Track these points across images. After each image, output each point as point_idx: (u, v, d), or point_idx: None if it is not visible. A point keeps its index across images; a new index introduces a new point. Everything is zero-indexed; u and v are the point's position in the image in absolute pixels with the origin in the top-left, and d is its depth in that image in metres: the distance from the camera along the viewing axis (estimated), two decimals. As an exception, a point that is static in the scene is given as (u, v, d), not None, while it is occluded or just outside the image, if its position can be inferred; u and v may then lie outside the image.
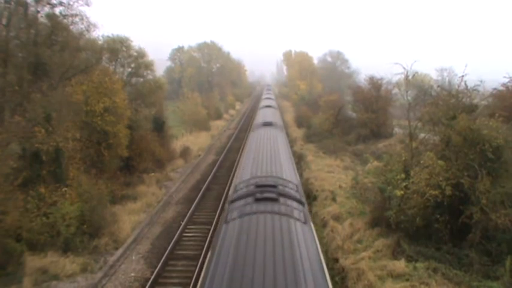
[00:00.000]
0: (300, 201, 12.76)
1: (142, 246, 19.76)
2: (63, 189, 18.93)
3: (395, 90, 40.74)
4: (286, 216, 10.66)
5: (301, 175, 27.23)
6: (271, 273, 7.48)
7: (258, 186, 13.30)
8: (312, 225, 11.29)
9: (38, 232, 17.48)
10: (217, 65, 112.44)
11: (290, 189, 13.76)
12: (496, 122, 17.30)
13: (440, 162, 17.40)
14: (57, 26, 23.69)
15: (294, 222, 10.39)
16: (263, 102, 57.45)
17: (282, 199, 12.03)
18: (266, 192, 12.28)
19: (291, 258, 8.09)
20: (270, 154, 19.37)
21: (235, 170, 30.72)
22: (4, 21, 21.53)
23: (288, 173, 16.28)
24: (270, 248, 8.45)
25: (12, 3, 21.70)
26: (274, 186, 13.26)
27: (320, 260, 8.79)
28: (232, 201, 12.70)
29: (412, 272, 14.96)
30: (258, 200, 11.80)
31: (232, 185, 16.85)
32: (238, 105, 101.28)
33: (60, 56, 23.32)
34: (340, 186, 26.94)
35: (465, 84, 20.72)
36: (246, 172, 16.35)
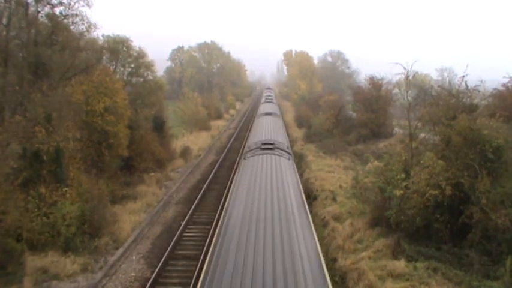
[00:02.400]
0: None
1: (142, 246, 19.76)
2: (64, 189, 18.92)
3: (396, 90, 40.83)
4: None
5: (301, 175, 27.31)
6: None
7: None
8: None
9: (38, 232, 17.49)
10: (218, 65, 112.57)
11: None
12: (497, 122, 17.33)
13: (440, 162, 17.42)
14: (57, 26, 23.68)
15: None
16: (262, 109, 49.52)
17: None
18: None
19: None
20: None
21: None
22: (4, 21, 21.54)
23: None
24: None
25: (13, 3, 21.70)
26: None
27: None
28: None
29: (412, 271, 14.97)
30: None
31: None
32: (238, 105, 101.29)
33: (60, 56, 23.33)
34: (340, 186, 26.94)
35: (465, 84, 20.76)
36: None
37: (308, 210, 13.30)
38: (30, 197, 18.04)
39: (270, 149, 20.87)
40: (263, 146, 21.55)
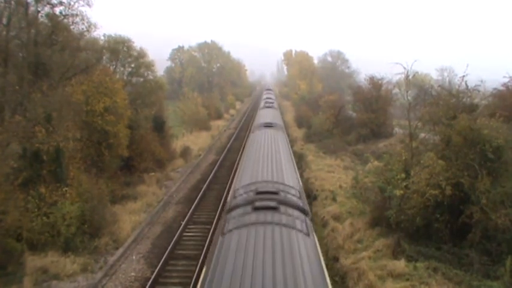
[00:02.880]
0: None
1: (142, 246, 19.76)
2: (64, 189, 18.92)
3: (396, 90, 40.82)
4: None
5: (301, 175, 27.16)
6: None
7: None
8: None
9: (38, 232, 17.49)
10: (218, 64, 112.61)
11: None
12: (497, 122, 17.32)
13: (440, 162, 17.42)
14: (57, 25, 23.67)
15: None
16: (260, 118, 36.24)
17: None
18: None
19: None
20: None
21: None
22: (4, 21, 21.53)
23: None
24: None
25: (13, 2, 21.69)
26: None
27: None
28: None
29: (412, 271, 14.97)
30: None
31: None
32: (238, 105, 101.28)
33: (60, 56, 23.32)
34: (340, 186, 26.95)
35: (465, 84, 20.75)
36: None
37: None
38: (30, 196, 18.04)
39: (272, 208, 10.89)
40: (258, 204, 11.20)
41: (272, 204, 11.18)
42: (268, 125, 27.78)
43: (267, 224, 9.89)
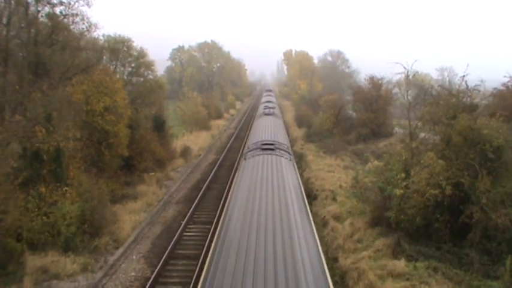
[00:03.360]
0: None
1: (142, 246, 19.76)
2: (64, 189, 18.92)
3: (396, 90, 40.90)
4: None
5: (301, 175, 27.27)
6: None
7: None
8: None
9: (38, 231, 17.49)
10: (218, 64, 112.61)
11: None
12: (497, 122, 17.32)
13: (440, 161, 17.42)
14: (57, 25, 23.64)
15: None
16: (256, 133, 28.86)
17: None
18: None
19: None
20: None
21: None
22: (4, 21, 21.51)
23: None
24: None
25: (13, 2, 21.66)
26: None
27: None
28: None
29: (412, 271, 14.98)
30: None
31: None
32: (238, 105, 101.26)
33: (60, 56, 23.29)
34: (340, 186, 26.94)
35: (466, 83, 20.74)
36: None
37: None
38: (30, 196, 18.03)
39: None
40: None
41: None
42: (268, 146, 20.42)
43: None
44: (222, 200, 24.97)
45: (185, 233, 21.09)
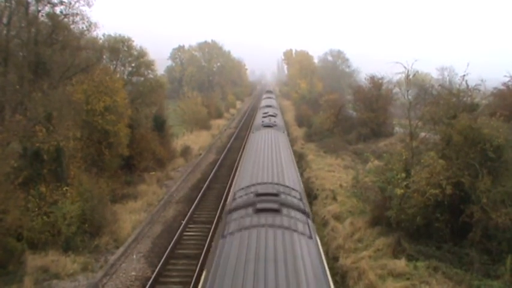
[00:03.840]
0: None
1: (143, 245, 19.77)
2: (64, 188, 18.93)
3: (396, 89, 40.81)
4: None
5: (301, 174, 27.14)
6: None
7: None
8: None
9: (38, 231, 17.51)
10: (218, 64, 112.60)
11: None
12: (497, 121, 17.31)
13: (440, 161, 17.41)
14: (57, 25, 23.64)
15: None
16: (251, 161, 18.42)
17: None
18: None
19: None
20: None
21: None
22: (5, 20, 21.52)
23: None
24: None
25: (13, 2, 21.66)
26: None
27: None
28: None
29: (413, 271, 14.98)
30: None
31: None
32: (238, 104, 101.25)
33: (60, 55, 23.29)
34: (340, 185, 26.94)
35: (466, 83, 20.75)
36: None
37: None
38: (31, 196, 18.06)
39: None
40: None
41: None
42: (269, 194, 12.35)
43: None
44: (223, 199, 24.99)
45: (185, 233, 21.09)
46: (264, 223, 9.91)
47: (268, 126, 27.85)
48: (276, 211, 10.76)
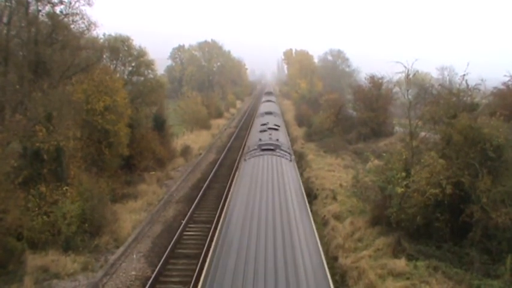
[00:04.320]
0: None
1: (143, 245, 19.77)
2: (64, 188, 18.93)
3: (396, 89, 40.83)
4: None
5: (301, 174, 27.22)
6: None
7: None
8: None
9: (38, 231, 17.51)
10: (218, 63, 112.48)
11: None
12: (497, 121, 17.31)
13: (440, 160, 17.42)
14: (57, 24, 23.62)
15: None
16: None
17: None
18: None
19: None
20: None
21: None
22: (5, 20, 21.51)
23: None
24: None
25: (13, 1, 21.64)
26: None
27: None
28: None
29: (413, 270, 14.98)
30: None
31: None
32: (238, 104, 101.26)
33: (60, 55, 23.28)
34: (340, 185, 26.93)
35: (466, 82, 20.76)
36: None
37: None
38: (31, 195, 18.05)
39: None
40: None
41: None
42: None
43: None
44: (223, 199, 24.98)
45: (185, 232, 21.09)
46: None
47: (268, 149, 19.70)
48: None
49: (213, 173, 32.27)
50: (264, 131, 25.52)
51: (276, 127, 27.59)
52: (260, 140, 22.51)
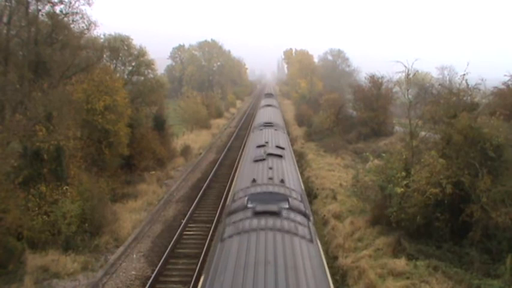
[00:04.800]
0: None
1: (143, 245, 19.78)
2: (64, 188, 18.93)
3: (396, 89, 40.77)
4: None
5: (301, 174, 27.14)
6: None
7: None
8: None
9: (39, 230, 17.51)
10: (218, 63, 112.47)
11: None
12: (497, 121, 17.31)
13: (441, 160, 17.42)
14: (57, 24, 23.63)
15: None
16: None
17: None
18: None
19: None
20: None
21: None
22: (5, 19, 21.52)
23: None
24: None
25: (13, 1, 21.66)
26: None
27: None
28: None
29: (413, 270, 14.98)
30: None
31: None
32: (239, 104, 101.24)
33: (61, 55, 23.30)
34: (340, 185, 26.95)
35: (466, 82, 20.73)
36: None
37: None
38: (31, 195, 18.05)
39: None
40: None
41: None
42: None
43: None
44: (223, 199, 24.99)
45: (185, 232, 21.10)
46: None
47: (266, 211, 10.84)
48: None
49: (213, 173, 32.27)
50: (261, 160, 16.81)
51: (279, 153, 18.17)
52: (254, 181, 13.99)
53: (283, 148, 20.23)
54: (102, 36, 31.82)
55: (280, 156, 17.77)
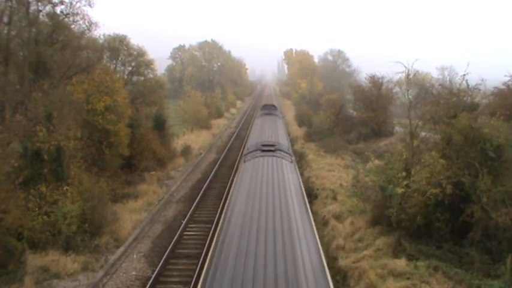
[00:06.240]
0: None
1: (143, 245, 19.78)
2: (65, 188, 18.93)
3: (396, 89, 40.80)
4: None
5: (301, 174, 27.24)
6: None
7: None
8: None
9: (39, 231, 17.50)
10: (218, 63, 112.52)
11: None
12: (497, 121, 17.32)
13: (441, 160, 17.42)
14: (58, 24, 23.67)
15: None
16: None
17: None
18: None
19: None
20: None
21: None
22: (6, 20, 21.55)
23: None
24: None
25: (14, 1, 21.70)
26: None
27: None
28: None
29: (413, 270, 14.97)
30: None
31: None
32: (239, 104, 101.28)
33: (61, 55, 23.33)
34: (341, 185, 26.94)
35: (466, 82, 20.75)
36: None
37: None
38: (31, 195, 18.05)
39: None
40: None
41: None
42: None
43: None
44: (223, 199, 24.98)
45: (186, 232, 21.10)
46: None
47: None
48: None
49: (214, 173, 32.27)
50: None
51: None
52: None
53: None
54: (101, 36, 31.88)
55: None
